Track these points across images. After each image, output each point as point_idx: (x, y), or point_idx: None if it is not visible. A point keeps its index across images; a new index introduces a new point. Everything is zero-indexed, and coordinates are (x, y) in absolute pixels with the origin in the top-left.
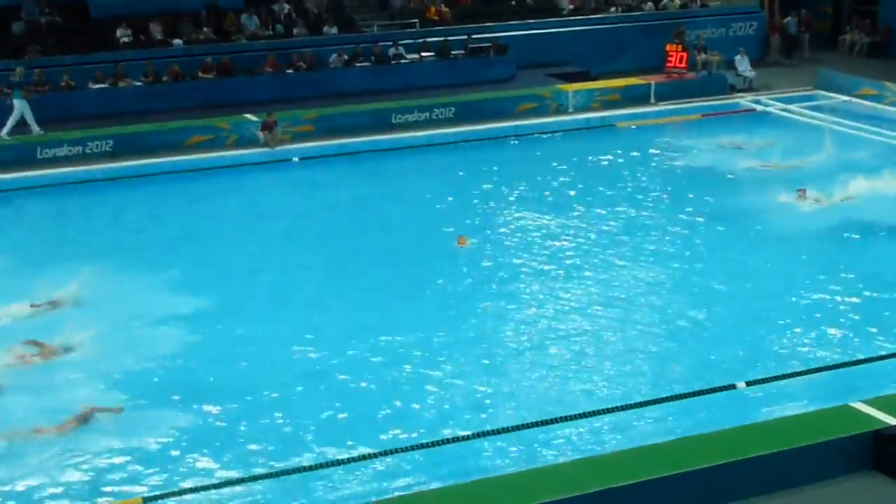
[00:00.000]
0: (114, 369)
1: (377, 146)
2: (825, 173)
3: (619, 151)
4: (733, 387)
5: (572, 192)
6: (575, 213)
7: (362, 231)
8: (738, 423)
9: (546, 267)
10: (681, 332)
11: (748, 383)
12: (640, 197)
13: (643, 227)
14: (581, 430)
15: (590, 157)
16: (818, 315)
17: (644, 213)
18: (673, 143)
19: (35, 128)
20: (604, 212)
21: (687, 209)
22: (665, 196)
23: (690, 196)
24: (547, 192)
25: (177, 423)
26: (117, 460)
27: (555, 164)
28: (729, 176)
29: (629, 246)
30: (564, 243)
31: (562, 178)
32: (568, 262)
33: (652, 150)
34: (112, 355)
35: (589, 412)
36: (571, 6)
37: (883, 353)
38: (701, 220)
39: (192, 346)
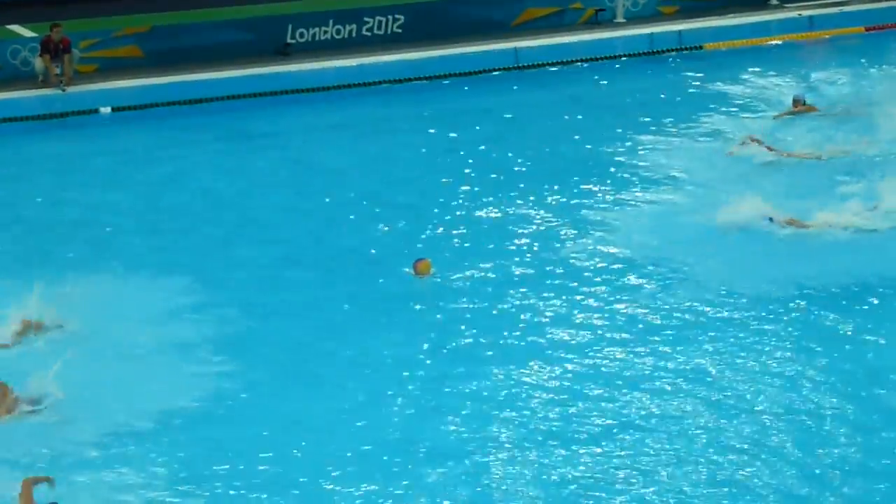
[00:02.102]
0: None
1: (258, 87)
2: None
3: (706, 95)
4: None
5: (610, 184)
6: (614, 225)
7: (225, 259)
8: None
9: (564, 328)
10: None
11: None
12: (730, 200)
13: (738, 268)
14: None
15: (649, 113)
16: None
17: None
18: (812, 85)
19: None
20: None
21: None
22: (783, 208)
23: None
24: (568, 181)
25: None
26: None
27: (585, 125)
28: None
29: (709, 298)
30: (602, 280)
31: (596, 154)
32: (607, 315)
33: (769, 98)
34: None
35: None
36: None
37: None
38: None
39: None
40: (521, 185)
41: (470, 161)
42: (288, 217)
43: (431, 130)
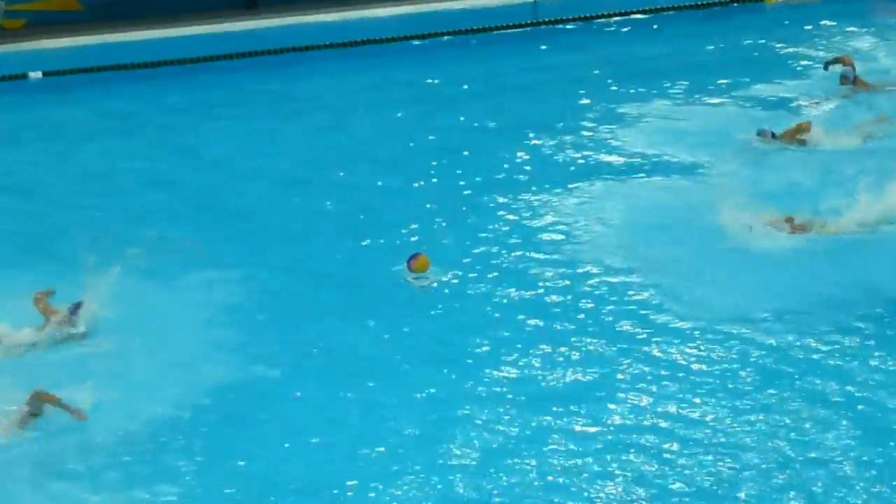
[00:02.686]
0: None
1: (220, 47)
2: None
3: (757, 59)
4: None
5: (620, 168)
6: (611, 220)
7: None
8: None
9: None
10: None
11: None
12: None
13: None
14: None
15: (685, 79)
16: None
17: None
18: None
19: None
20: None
21: None
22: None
23: None
24: (579, 161)
25: None
26: None
27: (609, 93)
28: None
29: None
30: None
31: (626, 132)
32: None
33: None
34: None
35: None
36: None
37: None
38: None
39: None
40: (540, 182)
41: (469, 136)
42: (268, 198)
43: (428, 104)
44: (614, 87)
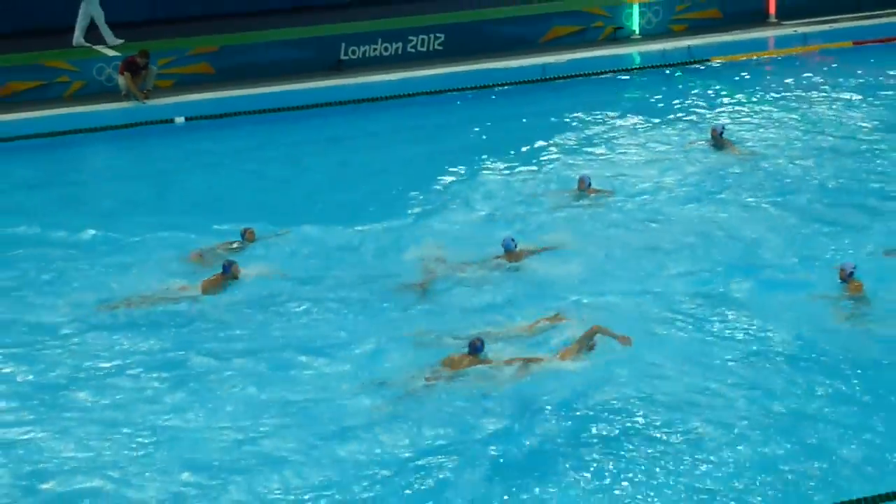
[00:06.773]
0: None
1: (317, 97)
2: None
3: (708, 108)
4: None
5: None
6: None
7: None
8: None
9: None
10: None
11: None
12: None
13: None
14: None
15: (663, 127)
16: None
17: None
18: (803, 95)
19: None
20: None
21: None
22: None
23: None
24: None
25: None
26: None
27: (604, 133)
28: None
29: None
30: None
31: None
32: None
33: (768, 112)
34: None
35: None
36: None
37: None
38: None
39: None
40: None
41: (494, 160)
42: (332, 213)
43: (465, 136)
44: (599, 128)
